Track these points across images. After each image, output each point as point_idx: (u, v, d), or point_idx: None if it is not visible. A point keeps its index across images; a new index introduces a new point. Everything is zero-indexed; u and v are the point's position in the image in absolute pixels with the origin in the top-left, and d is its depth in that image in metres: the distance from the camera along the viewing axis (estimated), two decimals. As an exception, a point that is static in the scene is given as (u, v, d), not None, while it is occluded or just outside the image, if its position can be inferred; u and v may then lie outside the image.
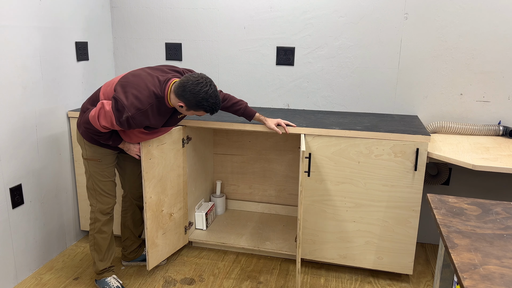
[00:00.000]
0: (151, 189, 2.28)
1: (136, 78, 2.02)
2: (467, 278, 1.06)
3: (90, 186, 2.24)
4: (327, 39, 2.73)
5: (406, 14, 2.59)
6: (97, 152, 2.17)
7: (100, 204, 2.25)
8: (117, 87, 2.01)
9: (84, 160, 2.22)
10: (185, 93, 1.96)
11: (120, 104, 1.94)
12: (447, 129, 2.58)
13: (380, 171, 2.29)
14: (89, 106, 2.13)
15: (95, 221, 2.26)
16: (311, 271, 2.54)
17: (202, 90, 1.95)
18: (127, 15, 3.02)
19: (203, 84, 1.96)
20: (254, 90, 2.94)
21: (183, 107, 2.01)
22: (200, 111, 2.03)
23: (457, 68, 2.59)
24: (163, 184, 2.37)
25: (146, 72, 2.07)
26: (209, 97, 1.97)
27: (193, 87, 1.95)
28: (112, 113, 1.95)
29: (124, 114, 1.93)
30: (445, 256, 1.49)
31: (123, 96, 1.95)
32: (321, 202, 2.40)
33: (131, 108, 1.93)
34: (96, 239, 2.28)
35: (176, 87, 1.99)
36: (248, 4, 2.80)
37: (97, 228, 2.27)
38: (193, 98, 1.95)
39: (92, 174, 2.21)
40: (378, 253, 2.41)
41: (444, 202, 1.52)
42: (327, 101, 2.84)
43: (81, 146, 2.21)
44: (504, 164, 2.04)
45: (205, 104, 1.98)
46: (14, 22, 2.21)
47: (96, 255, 2.30)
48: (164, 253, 2.49)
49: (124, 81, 2.02)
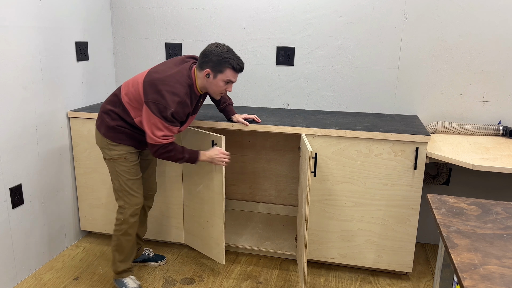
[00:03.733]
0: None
1: (162, 73, 2.03)
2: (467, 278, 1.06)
3: (118, 187, 2.20)
4: (327, 39, 2.73)
5: (406, 14, 2.59)
6: (123, 150, 2.15)
7: (129, 205, 2.20)
8: (147, 89, 2.00)
9: (108, 161, 2.18)
10: (207, 58, 2.05)
11: (160, 105, 1.96)
12: (447, 129, 2.58)
13: (380, 170, 2.29)
14: (109, 106, 2.15)
15: (123, 223, 2.21)
16: (311, 271, 2.54)
17: (223, 48, 2.05)
18: (127, 15, 3.02)
19: (220, 44, 2.08)
20: (254, 90, 2.94)
21: (210, 74, 2.06)
22: (226, 70, 2.05)
23: (457, 68, 2.59)
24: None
25: (168, 66, 2.09)
26: (231, 52, 2.07)
27: (212, 49, 2.05)
28: (157, 118, 1.97)
29: (168, 112, 1.97)
30: (445, 256, 1.49)
31: (158, 96, 1.97)
32: (321, 201, 2.40)
33: (171, 103, 1.97)
34: (120, 241, 2.23)
35: (198, 60, 2.08)
36: (248, 4, 2.80)
37: (123, 230, 2.21)
38: (216, 57, 2.03)
39: (120, 174, 2.16)
40: (378, 252, 2.41)
41: (444, 202, 1.53)
42: (327, 101, 2.84)
43: (104, 147, 2.17)
44: (504, 164, 2.04)
45: (231, 57, 2.05)
46: (14, 22, 2.21)
47: (117, 256, 2.26)
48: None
49: (150, 81, 2.01)
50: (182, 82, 2.02)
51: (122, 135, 2.14)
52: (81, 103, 2.79)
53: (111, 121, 2.13)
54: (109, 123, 2.13)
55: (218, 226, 2.44)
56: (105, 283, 2.40)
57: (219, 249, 2.46)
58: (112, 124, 2.13)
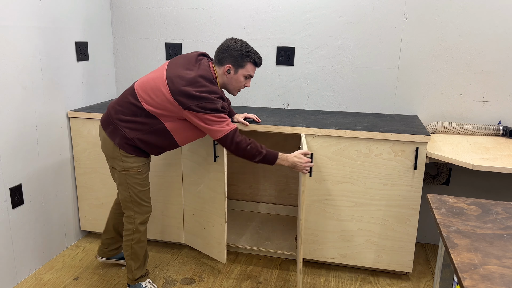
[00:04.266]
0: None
1: (189, 77, 1.95)
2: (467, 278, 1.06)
3: (127, 198, 2.14)
4: (327, 39, 2.73)
5: (406, 14, 2.59)
6: (136, 162, 2.07)
7: (140, 215, 2.17)
8: (182, 97, 1.92)
9: (120, 172, 2.09)
10: (227, 53, 2.04)
11: (206, 103, 1.91)
12: (447, 129, 2.58)
13: (380, 170, 2.29)
14: (128, 117, 2.02)
15: (134, 232, 2.18)
16: (311, 271, 2.54)
17: (243, 43, 2.06)
18: (127, 15, 3.02)
19: (238, 39, 2.07)
20: (254, 90, 2.93)
21: (231, 70, 2.05)
22: (247, 64, 2.06)
23: (457, 68, 2.59)
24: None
25: (188, 66, 2.02)
26: (250, 46, 2.07)
27: (232, 44, 2.05)
28: (209, 114, 1.92)
29: (218, 105, 1.94)
30: (445, 256, 1.49)
31: (199, 99, 1.91)
32: (321, 201, 2.41)
33: (212, 97, 1.93)
34: (134, 249, 2.20)
35: (216, 57, 2.07)
36: (248, 4, 2.80)
37: (136, 239, 2.19)
38: (237, 52, 2.03)
39: (131, 186, 2.10)
40: (378, 252, 2.41)
41: (444, 202, 1.53)
42: (327, 101, 2.84)
43: (116, 158, 2.07)
44: (504, 164, 2.04)
45: (251, 51, 2.05)
46: (14, 22, 2.21)
47: (133, 264, 2.23)
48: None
49: (181, 89, 1.92)
50: (211, 80, 1.99)
51: (136, 148, 2.06)
52: (81, 103, 2.79)
53: (131, 132, 2.02)
54: (127, 134, 2.02)
55: (219, 225, 2.44)
56: (105, 283, 2.40)
57: (221, 248, 2.46)
58: (131, 136, 2.02)
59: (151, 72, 2.14)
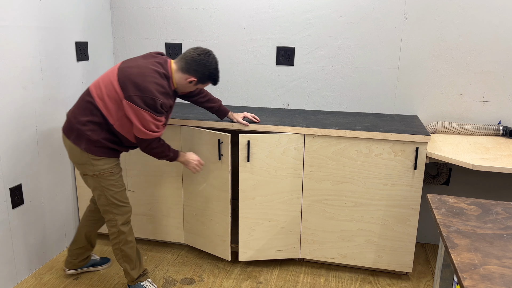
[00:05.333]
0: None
1: (138, 68, 1.98)
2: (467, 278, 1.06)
3: (105, 202, 2.11)
4: (327, 39, 2.73)
5: (406, 14, 2.59)
6: (108, 163, 2.05)
7: (120, 216, 2.14)
8: (127, 84, 1.94)
9: (92, 177, 2.06)
10: (198, 67, 2.05)
11: (146, 97, 1.92)
12: (447, 129, 2.58)
13: (380, 170, 2.29)
14: (85, 117, 2.00)
15: (120, 234, 2.16)
16: (311, 271, 2.54)
17: (214, 60, 2.10)
18: (127, 15, 3.02)
19: (212, 55, 2.09)
20: (254, 90, 2.94)
21: (193, 82, 2.08)
22: (207, 83, 2.14)
23: (457, 68, 2.59)
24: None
25: (141, 60, 2.05)
26: (218, 66, 2.12)
27: (206, 59, 2.06)
28: (146, 111, 1.92)
29: (157, 103, 1.94)
30: (445, 256, 1.49)
31: (142, 89, 1.92)
32: (321, 201, 2.41)
33: (158, 94, 1.94)
34: (124, 251, 2.18)
35: (185, 63, 2.05)
36: (248, 4, 2.80)
37: (122, 241, 2.17)
38: (207, 69, 2.06)
39: (106, 188, 2.08)
40: (378, 252, 2.41)
41: (444, 202, 1.53)
42: (327, 101, 2.84)
43: (87, 163, 2.03)
44: (504, 164, 2.04)
45: (216, 74, 2.11)
46: (14, 22, 2.21)
47: (127, 266, 2.21)
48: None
49: (128, 76, 1.95)
50: (161, 74, 2.01)
51: (104, 149, 2.04)
52: (81, 103, 2.79)
53: (94, 134, 2.00)
54: (91, 136, 1.99)
55: (224, 223, 2.44)
56: (105, 283, 2.40)
57: (225, 246, 2.47)
58: (96, 138, 2.00)
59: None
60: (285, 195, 2.42)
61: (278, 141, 2.34)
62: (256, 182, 2.40)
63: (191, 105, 2.94)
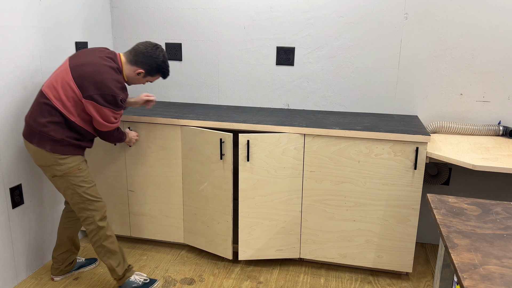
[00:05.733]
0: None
1: (92, 65, 2.00)
2: (467, 278, 1.06)
3: (79, 200, 2.10)
4: (327, 39, 2.73)
5: (406, 14, 2.59)
6: (74, 161, 2.06)
7: (97, 212, 2.14)
8: (85, 83, 1.96)
9: (59, 178, 2.06)
10: (146, 59, 2.11)
11: (107, 95, 1.98)
12: (447, 129, 2.58)
13: (380, 170, 2.29)
14: (44, 119, 1.99)
15: (99, 230, 2.15)
16: (311, 271, 2.54)
17: (162, 53, 2.15)
18: (127, 15, 3.02)
19: (160, 48, 2.16)
20: (254, 90, 2.94)
21: (141, 74, 2.15)
22: (157, 76, 2.21)
23: (457, 68, 2.59)
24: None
25: (92, 56, 2.05)
26: (166, 60, 2.18)
27: (153, 51, 2.12)
28: (107, 108, 2.00)
29: (118, 99, 2.01)
30: (445, 256, 1.49)
31: (101, 87, 1.97)
32: (321, 201, 2.41)
33: (117, 90, 2.01)
34: (106, 247, 2.17)
35: (133, 55, 2.12)
36: (248, 4, 2.80)
37: (103, 237, 2.16)
38: (154, 62, 2.13)
39: (77, 186, 2.08)
40: (378, 252, 2.41)
41: (444, 202, 1.53)
42: (327, 101, 2.84)
43: (54, 164, 2.03)
44: (504, 164, 2.04)
45: (165, 67, 2.19)
46: (14, 22, 2.21)
47: (112, 263, 2.19)
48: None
49: (84, 75, 1.97)
50: (115, 69, 2.05)
51: (69, 147, 2.04)
52: (81, 103, 2.79)
53: (57, 134, 2.00)
54: (54, 136, 2.00)
55: (225, 222, 2.45)
56: (105, 283, 2.40)
57: (227, 245, 2.47)
58: (60, 137, 2.01)
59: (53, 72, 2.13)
60: (285, 195, 2.42)
61: (278, 141, 2.34)
62: (256, 181, 2.40)
63: (191, 105, 2.94)
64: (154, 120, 2.51)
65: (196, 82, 3.02)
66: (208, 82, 3.00)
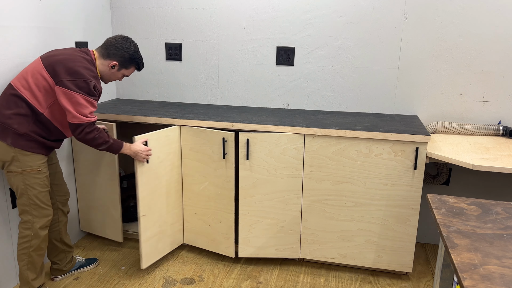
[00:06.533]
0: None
1: (64, 54, 1.99)
2: (467, 278, 1.06)
3: (26, 202, 1.99)
4: (327, 39, 2.73)
5: (406, 14, 2.59)
6: (36, 160, 1.97)
7: (39, 219, 2.03)
8: (57, 70, 1.92)
9: (17, 174, 1.95)
10: (118, 50, 2.10)
11: (79, 81, 1.93)
12: (447, 129, 2.58)
13: (380, 170, 2.29)
14: (9, 111, 1.92)
15: (33, 238, 2.03)
16: (311, 271, 2.54)
17: (132, 43, 2.16)
18: (127, 15, 3.02)
19: (130, 39, 2.16)
20: (254, 90, 2.94)
21: (115, 67, 2.13)
22: (131, 68, 2.19)
23: (457, 68, 2.59)
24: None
25: (64, 50, 2.05)
26: (138, 50, 2.18)
27: (127, 45, 2.12)
28: (79, 94, 1.92)
29: (91, 85, 1.96)
30: (445, 256, 1.49)
31: (73, 73, 1.93)
32: (321, 201, 2.41)
33: (89, 77, 1.97)
34: (31, 257, 2.04)
35: (105, 49, 2.11)
36: (248, 4, 2.80)
37: (34, 246, 2.04)
38: (127, 52, 2.11)
39: (29, 187, 1.98)
40: (378, 252, 2.41)
41: (444, 202, 1.53)
42: (327, 101, 2.84)
43: (14, 160, 1.93)
44: (504, 164, 2.04)
45: (138, 57, 2.16)
46: (14, 22, 2.21)
47: (30, 274, 2.06)
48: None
49: (57, 62, 1.94)
50: (89, 60, 2.04)
51: (33, 143, 1.96)
52: (81, 103, 2.79)
53: (21, 127, 1.92)
54: (18, 129, 1.92)
55: (227, 220, 2.45)
56: (105, 283, 2.40)
57: (229, 243, 2.48)
58: (23, 131, 1.93)
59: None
60: (285, 194, 2.42)
61: (278, 140, 2.34)
62: (256, 180, 2.40)
63: (191, 105, 2.94)
64: (154, 120, 2.51)
65: (196, 82, 3.02)
66: (208, 82, 3.00)
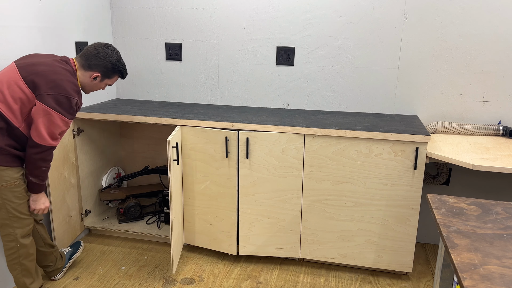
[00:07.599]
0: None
1: (46, 66, 1.85)
2: (467, 278, 1.06)
3: (5, 216, 1.92)
4: (327, 39, 2.73)
5: (406, 14, 2.59)
6: (13, 173, 1.88)
7: (21, 229, 1.97)
8: (38, 81, 1.79)
9: None
10: (99, 60, 1.98)
11: (60, 96, 1.81)
12: (447, 129, 2.58)
13: (380, 170, 2.29)
14: None
15: (20, 248, 1.98)
16: (311, 271, 2.54)
17: (114, 51, 2.04)
18: (127, 15, 3.02)
19: (111, 46, 2.04)
20: (254, 90, 2.94)
21: (98, 78, 2.01)
22: (114, 77, 2.07)
23: (457, 68, 2.59)
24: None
25: (43, 58, 1.91)
26: (121, 58, 2.07)
27: (108, 54, 2.00)
28: (57, 113, 1.81)
29: (73, 102, 1.85)
30: (445, 256, 1.49)
31: (56, 87, 1.80)
32: (321, 201, 2.41)
33: (72, 92, 1.85)
34: (24, 265, 2.01)
35: (85, 60, 1.98)
36: (248, 4, 2.80)
37: (23, 255, 2.00)
38: (109, 61, 2.00)
39: (7, 201, 1.90)
40: (378, 252, 2.41)
41: (444, 202, 1.53)
42: (327, 101, 2.84)
43: None
44: (504, 164, 2.04)
45: (120, 65, 2.05)
46: (14, 22, 2.21)
47: (26, 280, 2.05)
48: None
49: (37, 73, 1.81)
50: (71, 72, 1.92)
51: (8, 157, 1.86)
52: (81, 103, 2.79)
53: None
54: None
55: (230, 218, 2.46)
56: (105, 283, 2.40)
57: (231, 241, 2.49)
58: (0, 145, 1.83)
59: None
60: (285, 194, 2.42)
61: (278, 140, 2.34)
62: (256, 179, 2.40)
63: (191, 105, 2.95)
64: (154, 120, 2.52)
65: (196, 82, 3.02)
66: (208, 82, 3.00)
